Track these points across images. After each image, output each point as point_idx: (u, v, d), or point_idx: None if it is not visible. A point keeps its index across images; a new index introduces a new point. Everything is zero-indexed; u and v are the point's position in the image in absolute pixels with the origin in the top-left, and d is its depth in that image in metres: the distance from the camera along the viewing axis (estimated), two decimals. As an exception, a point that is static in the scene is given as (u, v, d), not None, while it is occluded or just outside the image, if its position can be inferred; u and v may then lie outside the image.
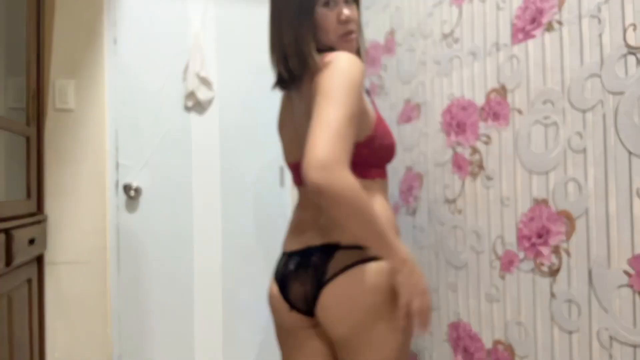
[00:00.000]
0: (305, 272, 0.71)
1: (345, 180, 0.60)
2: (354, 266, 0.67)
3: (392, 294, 0.66)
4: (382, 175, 0.76)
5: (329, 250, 0.70)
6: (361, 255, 0.68)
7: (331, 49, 0.74)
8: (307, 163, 0.59)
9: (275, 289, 0.75)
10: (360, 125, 0.68)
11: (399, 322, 0.64)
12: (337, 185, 0.59)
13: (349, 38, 0.76)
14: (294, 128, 0.77)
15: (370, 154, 0.73)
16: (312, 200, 0.74)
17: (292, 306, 0.72)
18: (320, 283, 0.69)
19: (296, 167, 0.77)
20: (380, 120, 0.74)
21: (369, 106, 0.74)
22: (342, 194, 0.60)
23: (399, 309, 0.65)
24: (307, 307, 0.71)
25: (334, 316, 0.67)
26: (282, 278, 0.74)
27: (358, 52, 0.82)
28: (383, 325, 0.66)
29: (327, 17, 0.75)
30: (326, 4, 0.75)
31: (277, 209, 1.59)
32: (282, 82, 0.77)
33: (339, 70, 0.67)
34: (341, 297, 0.68)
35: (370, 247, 0.66)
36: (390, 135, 0.75)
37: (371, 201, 0.67)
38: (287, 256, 0.75)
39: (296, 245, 0.74)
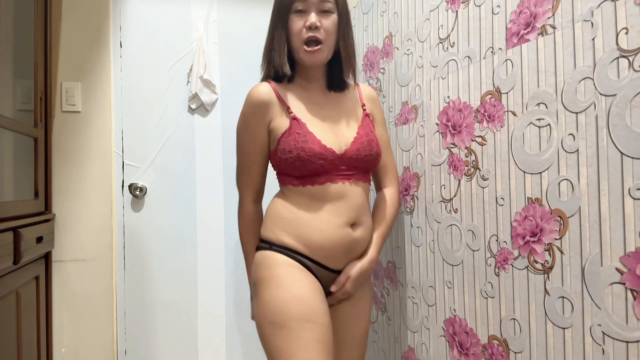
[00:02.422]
0: None
1: (241, 212, 0.90)
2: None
3: (257, 280, 0.83)
4: (295, 183, 0.84)
5: None
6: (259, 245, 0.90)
7: (299, 59, 0.85)
8: None
9: None
10: (270, 140, 0.86)
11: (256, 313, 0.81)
12: (238, 212, 0.92)
13: (311, 47, 0.81)
14: None
15: (277, 165, 0.86)
16: None
17: None
18: None
19: None
20: (288, 134, 0.82)
21: (280, 123, 0.84)
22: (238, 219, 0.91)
23: None
24: None
25: None
26: None
27: (331, 65, 0.89)
28: (253, 305, 0.85)
29: (295, 23, 0.81)
30: (299, 12, 0.81)
31: (279, 209, 1.61)
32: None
33: (241, 111, 0.88)
34: None
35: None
36: (292, 149, 0.81)
37: (272, 204, 0.86)
38: None
39: None
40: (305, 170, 0.81)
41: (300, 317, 0.73)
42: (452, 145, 0.90)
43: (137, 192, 1.46)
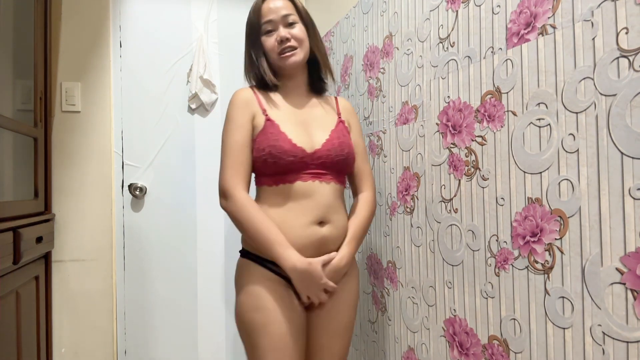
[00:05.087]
0: None
1: (233, 205, 0.85)
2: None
3: (236, 287, 0.89)
4: (269, 182, 0.89)
5: None
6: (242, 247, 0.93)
7: (277, 66, 0.94)
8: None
9: None
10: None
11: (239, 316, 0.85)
12: (230, 211, 0.86)
13: (286, 54, 0.91)
14: None
15: (254, 164, 0.90)
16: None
17: None
18: None
19: None
20: (262, 133, 0.89)
21: (258, 123, 0.90)
22: (233, 217, 0.86)
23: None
24: None
25: None
26: None
27: (312, 65, 0.99)
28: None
29: (267, 42, 0.93)
30: (267, 32, 0.93)
31: (279, 209, 1.61)
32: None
33: (227, 111, 0.93)
34: None
35: (269, 257, 0.85)
36: (264, 147, 0.88)
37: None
38: None
39: None
40: (277, 167, 0.87)
41: (259, 324, 0.83)
42: (452, 145, 0.90)
43: (137, 192, 1.46)
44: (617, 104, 0.57)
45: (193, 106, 1.53)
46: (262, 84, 0.96)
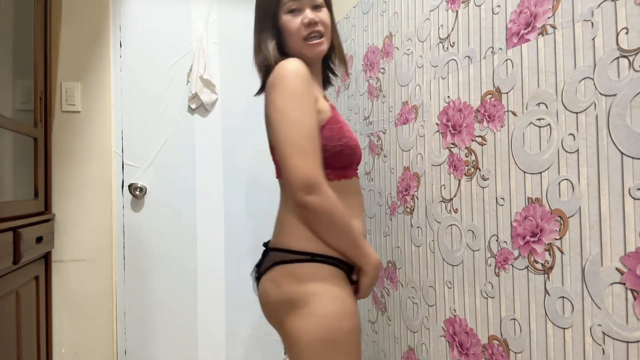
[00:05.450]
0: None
1: (328, 201, 0.69)
2: (272, 267, 0.74)
3: (299, 295, 0.70)
4: (332, 176, 0.77)
5: (266, 249, 0.80)
6: (278, 258, 0.74)
7: (298, 53, 0.79)
8: (293, 185, 0.67)
9: None
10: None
11: (313, 321, 0.69)
12: (322, 206, 0.69)
13: (313, 41, 0.79)
14: None
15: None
16: (285, 196, 0.80)
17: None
18: (257, 281, 0.79)
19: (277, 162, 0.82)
20: (334, 122, 0.76)
21: (323, 107, 0.76)
22: (323, 212, 0.69)
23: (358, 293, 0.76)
24: None
25: (263, 311, 0.77)
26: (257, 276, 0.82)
27: (332, 53, 0.87)
28: (292, 323, 0.70)
29: (291, 22, 0.79)
30: (291, 11, 0.79)
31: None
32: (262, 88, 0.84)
33: (286, 82, 0.70)
34: (262, 295, 0.76)
35: (348, 254, 0.74)
36: (341, 137, 0.77)
37: (289, 203, 0.74)
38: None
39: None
40: (349, 160, 0.78)
41: (353, 330, 0.71)
42: (452, 145, 0.90)
43: (137, 192, 1.46)
44: (617, 104, 0.57)
45: (193, 106, 1.53)
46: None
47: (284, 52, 0.81)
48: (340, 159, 0.76)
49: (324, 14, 0.80)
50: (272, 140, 0.75)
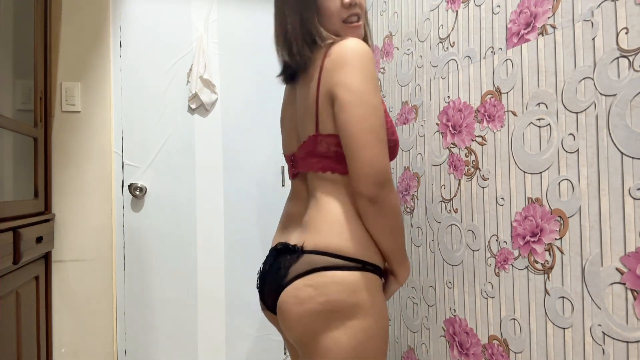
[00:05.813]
0: (274, 272, 0.69)
1: (396, 196, 0.64)
2: (313, 272, 0.64)
3: (346, 306, 0.63)
4: None
5: (296, 252, 0.67)
6: (324, 263, 0.64)
7: (336, 35, 0.71)
8: (368, 177, 0.61)
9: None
10: None
11: (351, 335, 0.63)
12: (391, 201, 0.63)
13: (354, 23, 0.72)
14: (295, 119, 0.74)
15: None
16: (300, 193, 0.73)
17: (265, 305, 0.72)
18: (281, 284, 0.66)
19: (291, 158, 0.75)
20: (386, 115, 0.70)
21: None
22: (390, 209, 0.63)
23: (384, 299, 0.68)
24: (274, 306, 0.69)
25: (287, 319, 0.66)
26: (261, 277, 0.73)
27: (365, 40, 0.78)
28: (329, 336, 0.64)
29: (331, 2, 0.71)
30: None
31: (278, 208, 1.60)
32: (287, 72, 0.74)
33: (363, 64, 0.63)
34: (295, 302, 0.65)
35: (392, 258, 0.67)
36: (393, 132, 0.73)
37: (342, 209, 0.65)
38: (270, 252, 0.74)
39: (277, 241, 0.73)
40: (392, 156, 0.72)
41: (385, 349, 0.68)
42: (452, 145, 0.90)
43: (137, 192, 1.46)
44: (617, 104, 0.57)
45: (193, 106, 1.53)
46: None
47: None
48: (390, 154, 0.69)
49: None
50: (340, 124, 0.63)
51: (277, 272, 0.68)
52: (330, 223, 0.66)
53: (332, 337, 0.63)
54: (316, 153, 0.68)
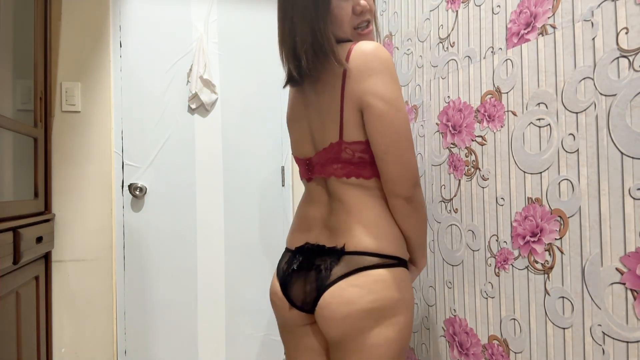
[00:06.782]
0: (307, 272, 0.70)
1: (422, 194, 0.70)
2: (357, 272, 0.66)
3: (392, 302, 0.66)
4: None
5: (335, 253, 0.69)
6: (365, 262, 0.67)
7: (348, 41, 0.71)
8: (408, 180, 0.66)
9: (277, 286, 0.75)
10: None
11: (396, 332, 0.66)
12: (421, 198, 0.69)
13: (365, 30, 0.73)
14: (307, 123, 0.74)
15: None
16: (319, 196, 0.74)
17: (293, 304, 0.73)
18: (322, 285, 0.68)
19: (305, 162, 0.75)
20: None
21: None
22: (422, 206, 0.69)
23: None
24: (306, 305, 0.71)
25: (331, 319, 0.66)
26: (284, 276, 0.74)
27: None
28: (378, 333, 0.65)
29: (342, 8, 0.71)
30: None
31: (278, 208, 1.61)
32: (294, 78, 0.73)
33: (391, 71, 0.65)
34: (341, 302, 0.66)
35: (418, 250, 0.73)
36: None
37: (378, 209, 0.69)
38: (290, 253, 0.75)
39: (301, 242, 0.74)
40: None
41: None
42: (452, 145, 0.90)
43: (137, 192, 1.46)
44: (617, 104, 0.57)
45: (193, 106, 1.53)
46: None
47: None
48: None
49: (371, 1, 0.73)
50: (376, 132, 0.65)
51: (317, 272, 0.69)
52: (364, 225, 0.68)
53: (380, 333, 0.65)
54: (340, 159, 0.69)
